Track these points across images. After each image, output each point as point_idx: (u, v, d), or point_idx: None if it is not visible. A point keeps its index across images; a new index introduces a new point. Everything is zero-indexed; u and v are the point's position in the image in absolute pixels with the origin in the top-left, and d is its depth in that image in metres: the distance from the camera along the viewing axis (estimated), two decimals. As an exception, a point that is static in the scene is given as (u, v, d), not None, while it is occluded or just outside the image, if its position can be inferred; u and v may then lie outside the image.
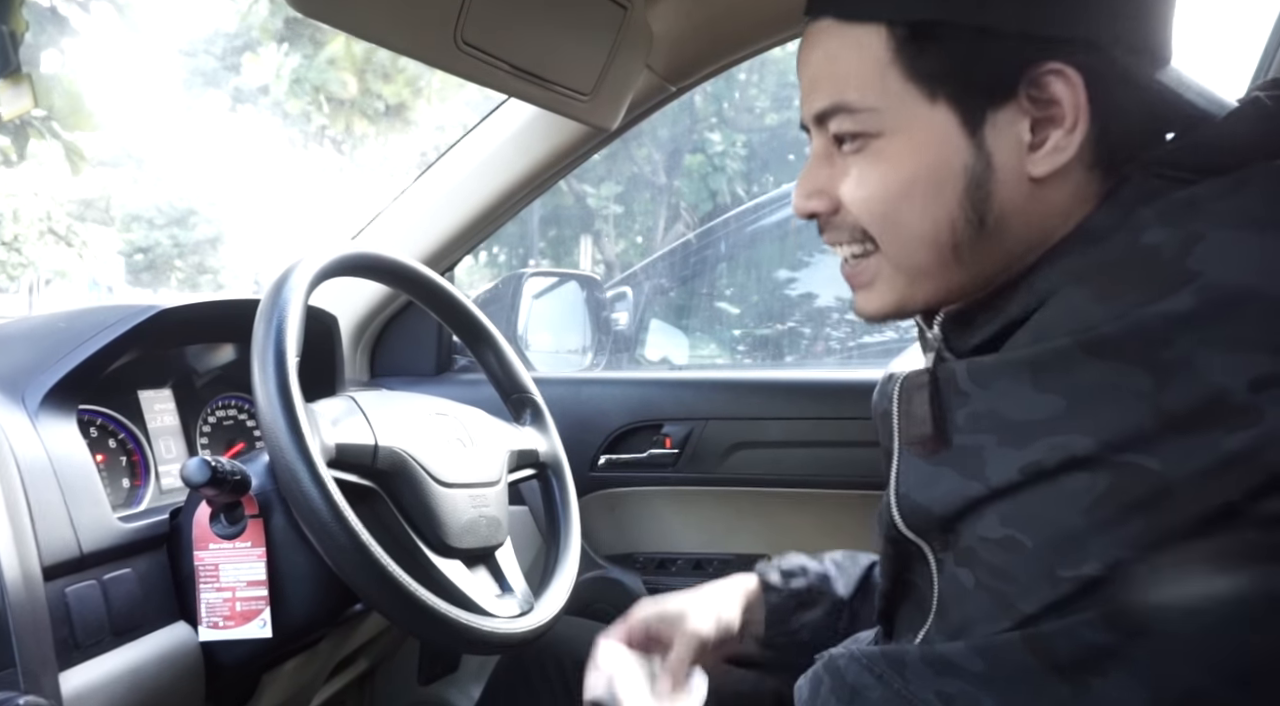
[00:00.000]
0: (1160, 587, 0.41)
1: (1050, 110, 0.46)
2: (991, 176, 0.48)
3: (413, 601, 0.68)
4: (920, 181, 0.48)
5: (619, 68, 0.92)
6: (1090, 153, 0.48)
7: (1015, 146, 0.47)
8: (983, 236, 0.49)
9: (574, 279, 1.63)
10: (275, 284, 0.73)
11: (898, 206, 0.49)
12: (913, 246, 0.50)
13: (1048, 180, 0.48)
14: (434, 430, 0.81)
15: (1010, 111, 0.46)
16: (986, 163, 0.47)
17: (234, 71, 10.47)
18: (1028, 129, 0.46)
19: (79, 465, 0.71)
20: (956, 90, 0.46)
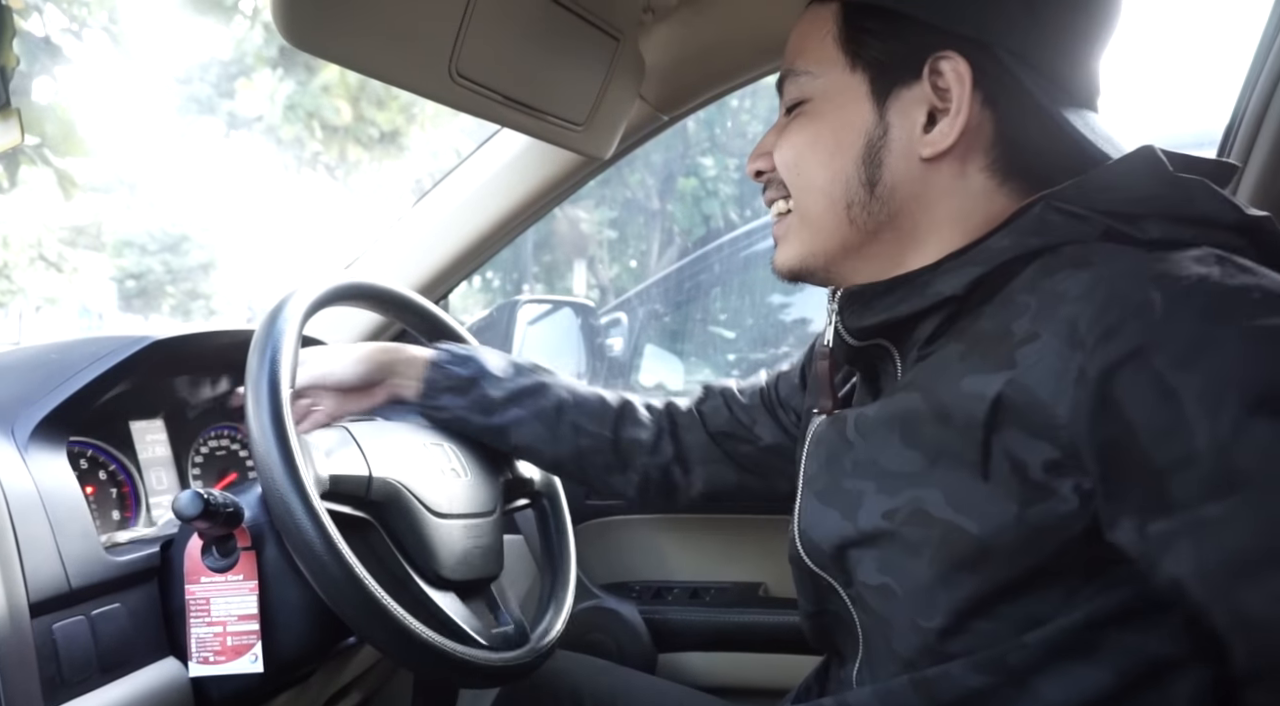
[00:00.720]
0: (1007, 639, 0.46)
1: (946, 101, 0.52)
2: (885, 146, 0.54)
3: (407, 634, 0.67)
4: (825, 137, 0.56)
5: (612, 98, 0.93)
6: (988, 159, 0.53)
7: (911, 126, 0.53)
8: (873, 200, 0.55)
9: (568, 305, 1.63)
10: (270, 314, 0.73)
11: (806, 157, 0.57)
12: (814, 196, 0.57)
13: (938, 167, 0.53)
14: (428, 460, 0.80)
15: (914, 93, 0.53)
16: (884, 132, 0.54)
17: (228, 98, 10.52)
18: (925, 113, 0.53)
19: (69, 498, 0.70)
20: (872, 63, 0.54)
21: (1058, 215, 0.50)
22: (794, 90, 0.58)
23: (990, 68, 0.51)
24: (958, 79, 0.51)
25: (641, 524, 1.20)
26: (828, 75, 0.55)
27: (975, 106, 0.52)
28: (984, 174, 0.53)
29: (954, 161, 0.53)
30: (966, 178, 0.53)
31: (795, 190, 0.59)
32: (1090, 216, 0.49)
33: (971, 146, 0.53)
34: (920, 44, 0.52)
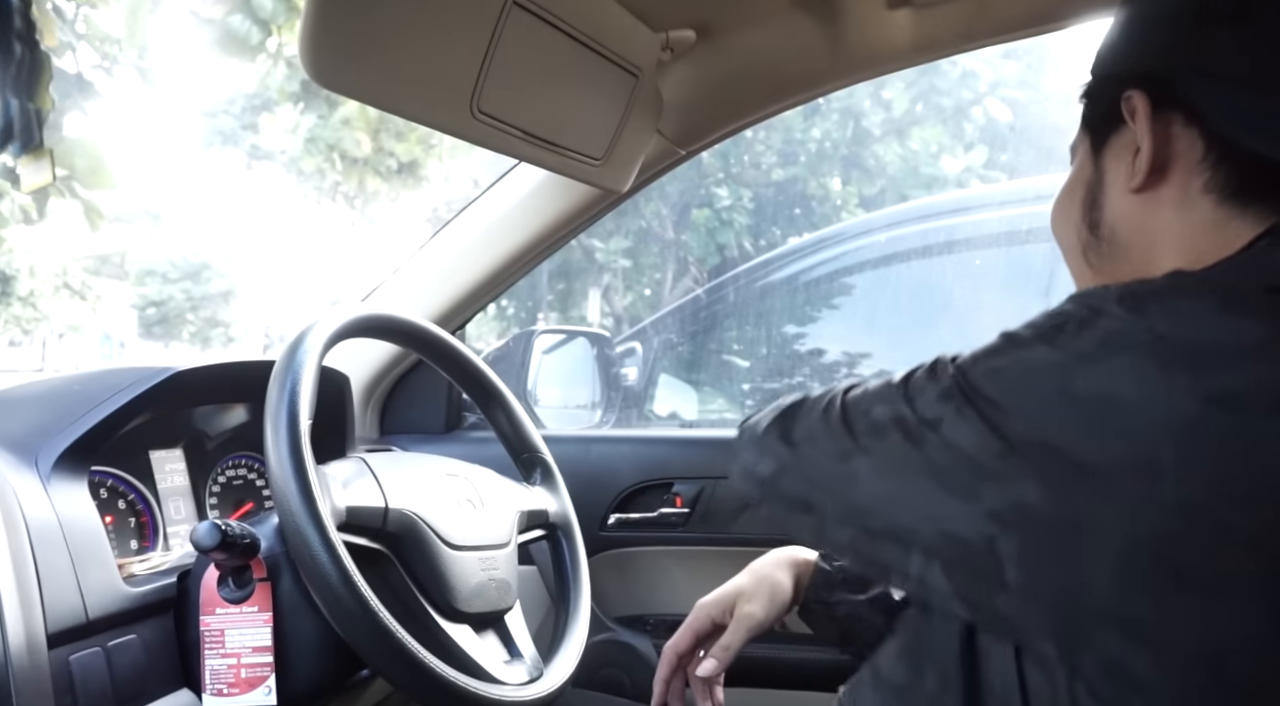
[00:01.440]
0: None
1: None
2: (1101, 189, 0.55)
3: (420, 668, 0.67)
4: (1064, 197, 0.59)
5: (630, 133, 0.94)
6: (1204, 179, 0.49)
7: (1121, 166, 0.53)
8: (1099, 241, 0.55)
9: (583, 336, 1.63)
10: (290, 346, 0.74)
11: (1056, 221, 0.60)
12: (1064, 251, 0.60)
13: (1156, 196, 0.51)
14: (444, 491, 0.80)
15: (1121, 138, 0.53)
16: (1100, 177, 0.55)
17: (252, 130, 10.73)
18: (1133, 149, 0.52)
19: (89, 529, 0.70)
20: (1087, 121, 0.57)
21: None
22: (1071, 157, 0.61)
23: (1175, 91, 0.49)
24: (1140, 110, 0.51)
25: (657, 556, 1.19)
26: (1077, 139, 0.58)
27: (1172, 130, 0.50)
28: (1209, 197, 0.49)
29: (1172, 189, 0.50)
30: (1190, 203, 0.50)
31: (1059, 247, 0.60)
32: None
33: (1186, 170, 0.50)
34: (1110, 93, 0.53)
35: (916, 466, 0.46)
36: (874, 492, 0.48)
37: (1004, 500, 0.42)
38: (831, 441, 0.51)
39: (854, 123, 7.89)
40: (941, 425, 0.45)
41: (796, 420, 0.54)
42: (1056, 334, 0.43)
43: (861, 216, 5.14)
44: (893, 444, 0.47)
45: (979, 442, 0.43)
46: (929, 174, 7.45)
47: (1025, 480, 0.41)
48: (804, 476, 0.53)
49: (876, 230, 2.17)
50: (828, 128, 7.93)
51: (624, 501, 1.18)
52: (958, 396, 0.45)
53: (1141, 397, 0.39)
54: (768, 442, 0.55)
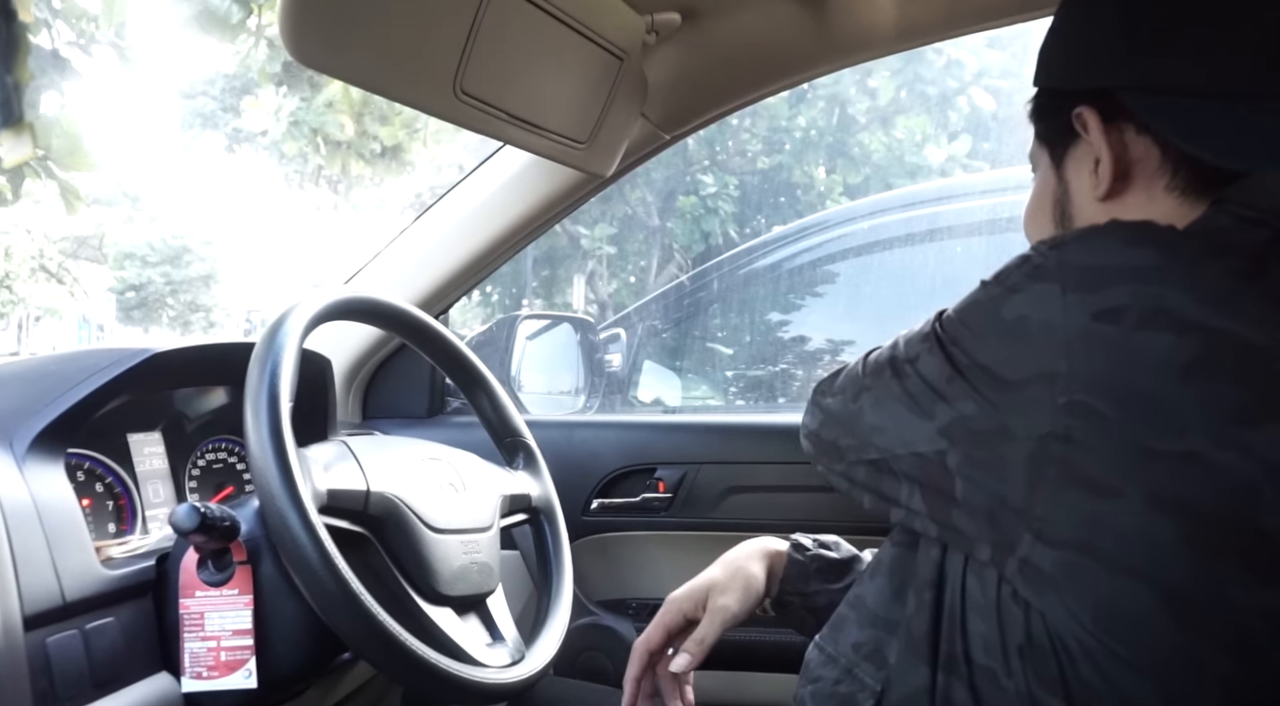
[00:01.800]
0: None
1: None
2: (1069, 200, 0.57)
3: (402, 651, 0.67)
4: (1034, 207, 0.61)
5: (615, 116, 0.94)
6: (1167, 178, 0.52)
7: (1086, 174, 0.56)
8: None
9: (567, 321, 1.63)
10: (270, 328, 0.73)
11: (1028, 229, 0.62)
12: None
13: (1123, 201, 0.54)
14: (426, 475, 0.80)
15: (1079, 150, 0.56)
16: (1065, 190, 0.58)
17: (233, 113, 10.58)
18: (1093, 160, 0.55)
19: (65, 511, 0.70)
20: (1044, 137, 0.59)
21: (1227, 219, 0.48)
22: (1032, 168, 0.63)
23: (1121, 106, 0.52)
24: (1092, 126, 0.54)
25: (639, 541, 1.19)
26: (1035, 155, 0.61)
27: (1126, 138, 0.53)
28: (1173, 195, 0.52)
29: (1137, 193, 0.53)
30: (1155, 203, 0.52)
31: None
32: (1262, 219, 0.46)
33: (1147, 175, 0.52)
34: (1060, 108, 0.56)
35: (897, 396, 0.53)
36: (871, 424, 0.55)
37: (949, 416, 0.49)
38: (850, 387, 0.58)
39: (839, 111, 7.88)
40: (918, 360, 0.52)
41: (836, 378, 0.61)
42: (1003, 276, 0.49)
43: (846, 205, 5.15)
44: (884, 379, 0.54)
45: (938, 370, 0.50)
46: (913, 163, 7.47)
47: (965, 398, 0.48)
48: (834, 422, 0.59)
49: (860, 218, 2.18)
50: (813, 116, 7.92)
51: (607, 486, 1.19)
52: (932, 336, 0.52)
53: (1046, 316, 0.45)
54: (816, 400, 0.62)
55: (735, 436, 1.19)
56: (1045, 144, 0.59)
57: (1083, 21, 0.55)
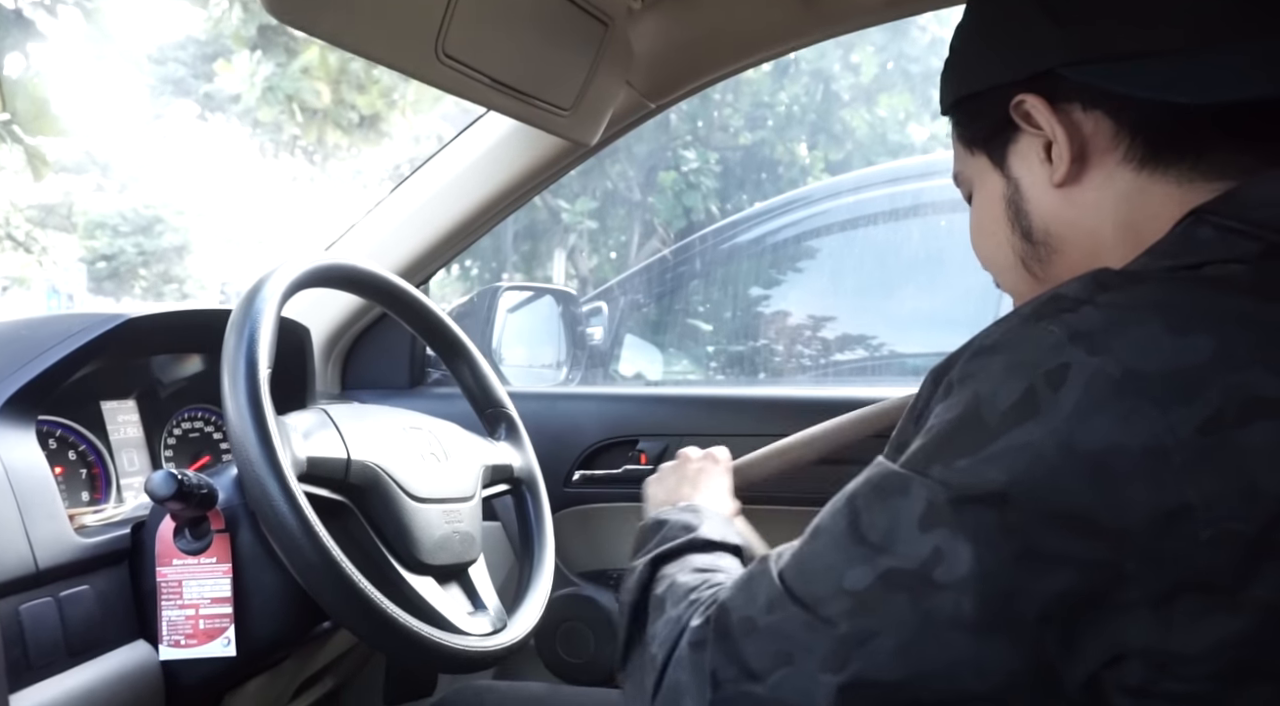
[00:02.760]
0: None
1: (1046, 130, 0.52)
2: (1022, 197, 0.54)
3: (383, 618, 0.67)
4: (982, 218, 0.58)
5: (599, 84, 0.92)
6: (1122, 151, 0.49)
7: (1035, 165, 0.53)
8: (1035, 245, 0.55)
9: (549, 293, 1.62)
10: (248, 294, 0.72)
11: (980, 245, 0.59)
12: (999, 273, 0.59)
13: (1080, 184, 0.51)
14: (407, 444, 0.80)
15: (1025, 141, 0.53)
16: (1015, 187, 0.54)
17: (204, 79, 10.33)
18: (1042, 148, 0.52)
19: (37, 478, 0.68)
20: (979, 141, 0.56)
21: (1209, 231, 0.45)
22: (962, 189, 0.60)
23: (1050, 86, 0.50)
24: (1036, 110, 0.51)
25: (621, 512, 1.20)
26: (966, 168, 0.58)
27: (1074, 117, 0.50)
28: (1128, 167, 0.49)
29: (1093, 171, 0.51)
30: (1112, 179, 0.50)
31: (993, 278, 0.59)
32: (1250, 231, 0.44)
33: (1100, 150, 0.50)
34: (995, 104, 0.52)
35: (939, 622, 0.40)
36: (899, 677, 0.41)
37: (1044, 598, 0.39)
38: (813, 650, 0.42)
39: (823, 87, 7.85)
40: (941, 562, 0.40)
41: (740, 642, 0.45)
42: (1031, 406, 0.40)
43: (829, 180, 5.15)
44: (897, 609, 0.41)
45: (992, 555, 0.39)
46: (896, 141, 7.48)
47: (1054, 567, 0.39)
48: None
49: (844, 193, 2.18)
50: (796, 92, 7.89)
51: (589, 458, 1.19)
52: (945, 515, 0.40)
53: (1148, 441, 0.38)
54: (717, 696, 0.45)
55: (718, 409, 1.19)
56: (980, 148, 0.55)
57: (998, 13, 0.53)
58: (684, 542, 0.62)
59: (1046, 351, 0.41)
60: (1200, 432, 0.38)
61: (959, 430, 0.42)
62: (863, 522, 0.43)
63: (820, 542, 0.45)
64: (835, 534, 0.44)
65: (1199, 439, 0.38)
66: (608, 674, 1.11)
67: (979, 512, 0.39)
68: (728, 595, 0.48)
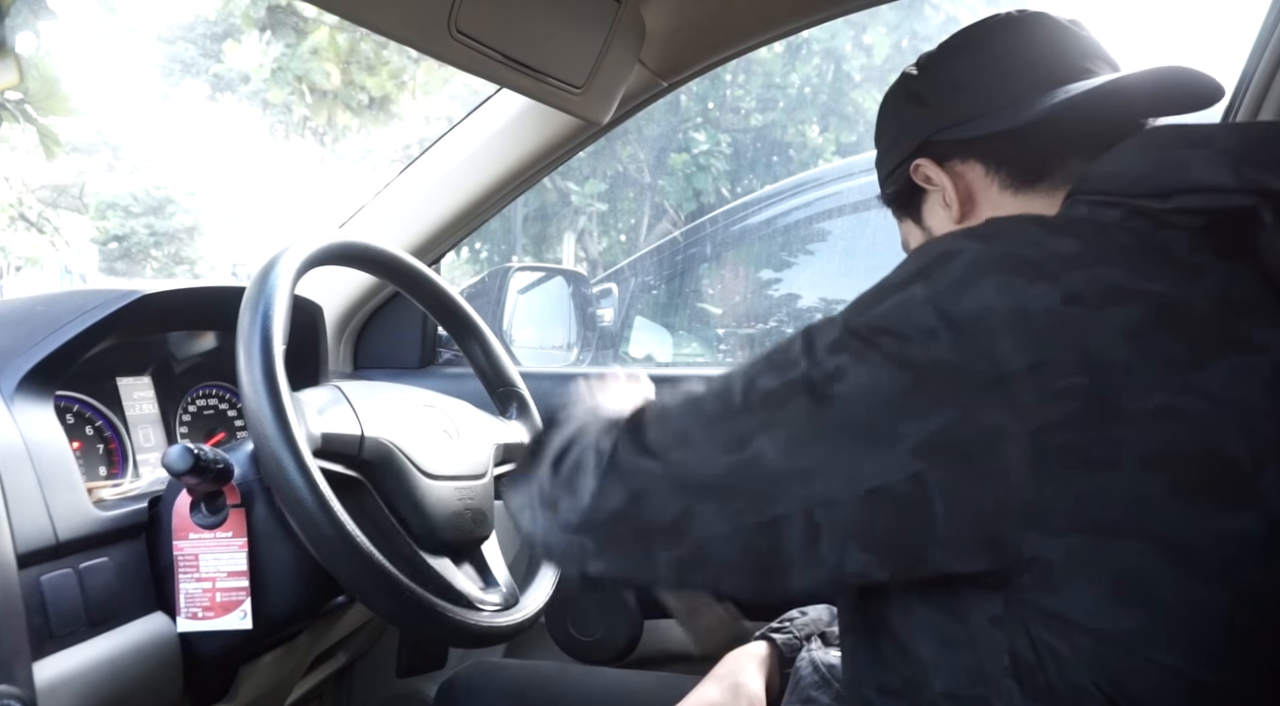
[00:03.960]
0: None
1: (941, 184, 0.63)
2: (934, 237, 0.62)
3: (398, 592, 0.67)
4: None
5: (612, 61, 0.92)
6: (997, 179, 0.61)
7: (940, 212, 0.65)
8: None
9: (560, 274, 1.62)
10: (262, 270, 0.72)
11: None
12: None
13: (973, 216, 0.62)
14: (421, 421, 0.80)
15: (930, 198, 0.65)
16: (930, 233, 0.66)
17: (214, 59, 10.30)
18: (941, 199, 0.64)
19: (56, 451, 0.69)
20: (901, 208, 0.69)
21: (1083, 207, 0.52)
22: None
23: (931, 149, 0.63)
24: (928, 168, 0.64)
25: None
26: (903, 232, 0.70)
27: (957, 169, 0.62)
28: (1007, 194, 0.61)
29: (982, 205, 0.62)
30: (1000, 206, 0.61)
31: None
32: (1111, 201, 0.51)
33: (981, 186, 0.62)
34: (901, 172, 0.66)
35: (830, 426, 0.46)
36: (785, 469, 0.46)
37: (921, 432, 0.44)
38: (716, 431, 0.48)
39: (834, 68, 7.77)
40: (845, 375, 0.46)
41: (646, 427, 0.51)
42: (924, 274, 0.47)
43: (840, 162, 5.11)
44: (797, 409, 0.47)
45: (888, 380, 0.45)
46: (908, 123, 7.39)
47: (938, 407, 0.45)
48: (680, 487, 0.49)
49: (855, 175, 2.16)
50: (807, 73, 7.81)
51: (599, 438, 1.19)
52: (854, 342, 0.47)
53: (1016, 305, 0.45)
54: (612, 466, 0.50)
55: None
56: (905, 211, 0.67)
57: (888, 117, 0.68)
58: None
59: (945, 242, 0.49)
60: (1063, 303, 0.44)
61: (870, 291, 0.50)
62: (784, 347, 0.50)
63: (745, 362, 0.52)
64: (758, 356, 0.51)
65: (1060, 308, 0.44)
66: (618, 653, 1.11)
67: (876, 344, 0.46)
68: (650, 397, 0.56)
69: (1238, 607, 0.43)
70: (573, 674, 0.91)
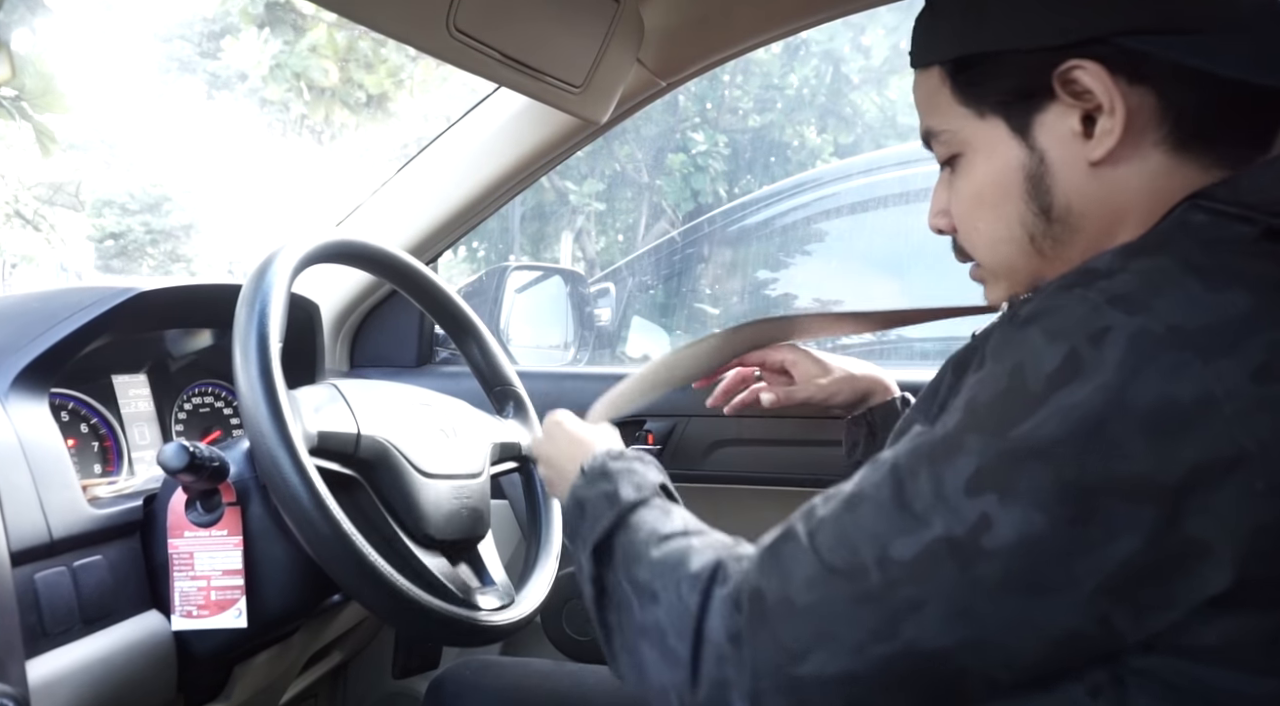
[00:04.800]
0: None
1: (1091, 100, 0.48)
2: (1047, 171, 0.51)
3: (394, 591, 0.67)
4: (988, 189, 0.53)
5: (610, 61, 0.92)
6: (1161, 132, 0.48)
7: (1068, 138, 0.50)
8: (1053, 224, 0.52)
9: (557, 273, 1.62)
10: (259, 268, 0.72)
11: (977, 215, 0.55)
12: (997, 248, 0.55)
13: (1111, 161, 0.49)
14: (417, 420, 0.80)
15: (1055, 110, 0.50)
16: (1041, 159, 0.51)
17: (211, 57, 10.28)
18: (1079, 120, 0.49)
19: (50, 449, 0.69)
20: (997, 105, 0.51)
21: (1202, 216, 0.45)
22: (940, 149, 0.56)
23: (1112, 54, 0.47)
24: (1093, 78, 0.47)
25: (627, 492, 1.20)
26: (964, 129, 0.53)
27: (1125, 90, 0.47)
28: (1160, 150, 0.48)
29: (1128, 149, 0.48)
30: (1145, 160, 0.49)
31: (977, 250, 0.56)
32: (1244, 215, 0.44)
33: (1140, 128, 0.48)
34: (1037, 68, 0.49)
35: (989, 588, 0.39)
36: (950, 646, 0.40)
37: (1104, 569, 0.38)
38: (860, 620, 0.41)
39: (832, 70, 7.78)
40: (993, 523, 0.39)
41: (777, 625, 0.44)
42: (1071, 369, 0.39)
43: (838, 163, 5.11)
44: (946, 577, 0.40)
45: (1045, 517, 0.38)
46: (906, 124, 7.40)
47: (1118, 534, 0.38)
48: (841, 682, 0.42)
49: (853, 176, 2.17)
50: (806, 74, 7.82)
51: (596, 437, 1.19)
52: (995, 477, 0.39)
53: (1199, 392, 0.37)
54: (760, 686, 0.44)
55: (724, 390, 1.19)
56: (996, 113, 0.51)
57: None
58: (614, 519, 0.56)
59: (1085, 316, 0.40)
60: (1253, 381, 0.37)
61: (1003, 398, 0.41)
62: (907, 490, 0.42)
63: (862, 511, 0.43)
64: (878, 502, 0.43)
65: (1251, 387, 0.37)
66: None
67: (1030, 473, 0.38)
68: (757, 576, 0.46)
69: None
70: (565, 671, 0.91)
